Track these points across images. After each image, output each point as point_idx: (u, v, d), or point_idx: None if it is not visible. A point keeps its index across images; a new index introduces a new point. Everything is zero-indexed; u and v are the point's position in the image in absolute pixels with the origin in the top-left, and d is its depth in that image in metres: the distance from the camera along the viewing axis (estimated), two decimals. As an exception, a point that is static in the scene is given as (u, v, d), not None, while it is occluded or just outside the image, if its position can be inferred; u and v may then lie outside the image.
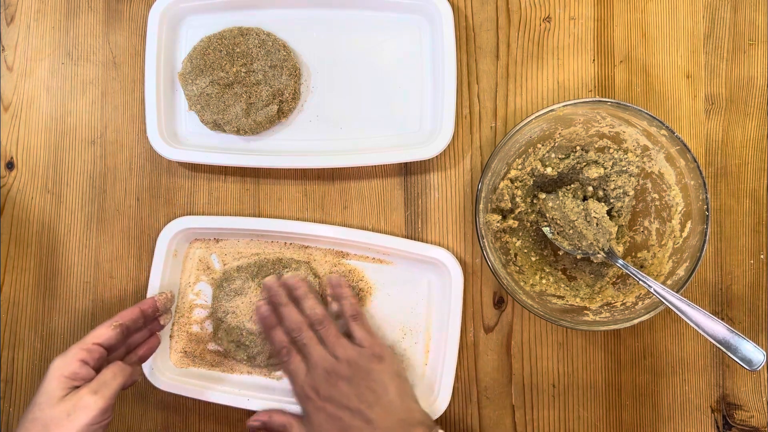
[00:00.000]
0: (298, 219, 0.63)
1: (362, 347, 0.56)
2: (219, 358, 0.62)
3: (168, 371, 0.61)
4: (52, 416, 0.47)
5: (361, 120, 0.62)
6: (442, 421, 0.61)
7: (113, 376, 0.50)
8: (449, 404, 0.59)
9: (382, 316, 0.62)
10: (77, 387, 0.49)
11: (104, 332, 0.52)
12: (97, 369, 0.51)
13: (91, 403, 0.48)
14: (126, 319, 0.54)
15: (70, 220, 0.63)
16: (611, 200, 0.61)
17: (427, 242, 0.62)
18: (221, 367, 0.62)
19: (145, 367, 0.60)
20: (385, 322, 0.62)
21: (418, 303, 0.62)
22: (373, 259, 0.62)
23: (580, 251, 0.59)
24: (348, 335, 0.57)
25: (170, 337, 0.62)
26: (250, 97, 0.60)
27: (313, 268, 0.62)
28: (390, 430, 0.52)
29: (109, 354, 0.53)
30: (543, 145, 0.59)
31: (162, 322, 0.59)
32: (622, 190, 0.60)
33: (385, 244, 0.60)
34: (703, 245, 0.54)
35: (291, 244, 0.62)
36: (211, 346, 0.62)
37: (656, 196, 0.59)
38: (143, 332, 0.58)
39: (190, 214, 0.63)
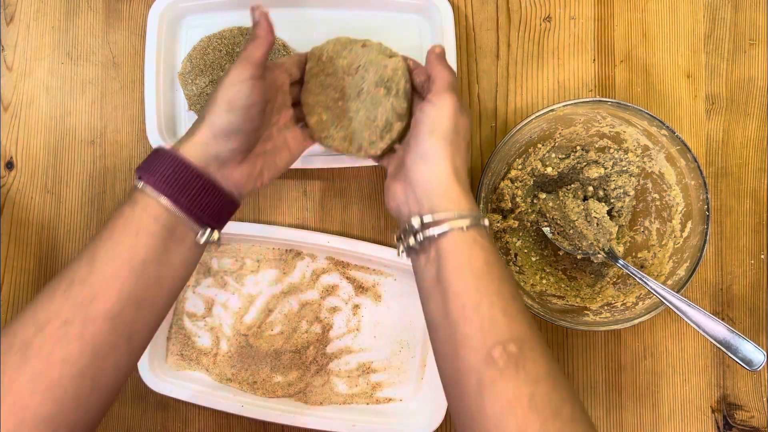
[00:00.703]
0: (297, 218, 0.62)
1: None
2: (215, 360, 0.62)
3: (164, 374, 0.61)
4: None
5: (361, 120, 0.62)
6: (442, 422, 0.61)
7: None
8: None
9: (380, 328, 0.62)
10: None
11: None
12: None
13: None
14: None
15: (70, 220, 0.63)
16: (611, 200, 0.61)
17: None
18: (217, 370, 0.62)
19: (143, 368, 0.59)
20: (383, 334, 0.62)
21: (416, 317, 0.62)
22: (374, 270, 0.62)
23: (580, 251, 0.59)
24: None
25: (167, 339, 0.62)
26: (249, 97, 0.60)
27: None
28: None
29: None
30: (543, 145, 0.59)
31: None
32: (622, 190, 0.60)
33: (385, 256, 0.60)
34: (704, 245, 0.54)
35: (290, 250, 0.62)
36: (206, 342, 0.62)
37: (657, 196, 0.59)
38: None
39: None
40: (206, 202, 0.45)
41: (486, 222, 0.45)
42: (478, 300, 0.42)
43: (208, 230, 0.45)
